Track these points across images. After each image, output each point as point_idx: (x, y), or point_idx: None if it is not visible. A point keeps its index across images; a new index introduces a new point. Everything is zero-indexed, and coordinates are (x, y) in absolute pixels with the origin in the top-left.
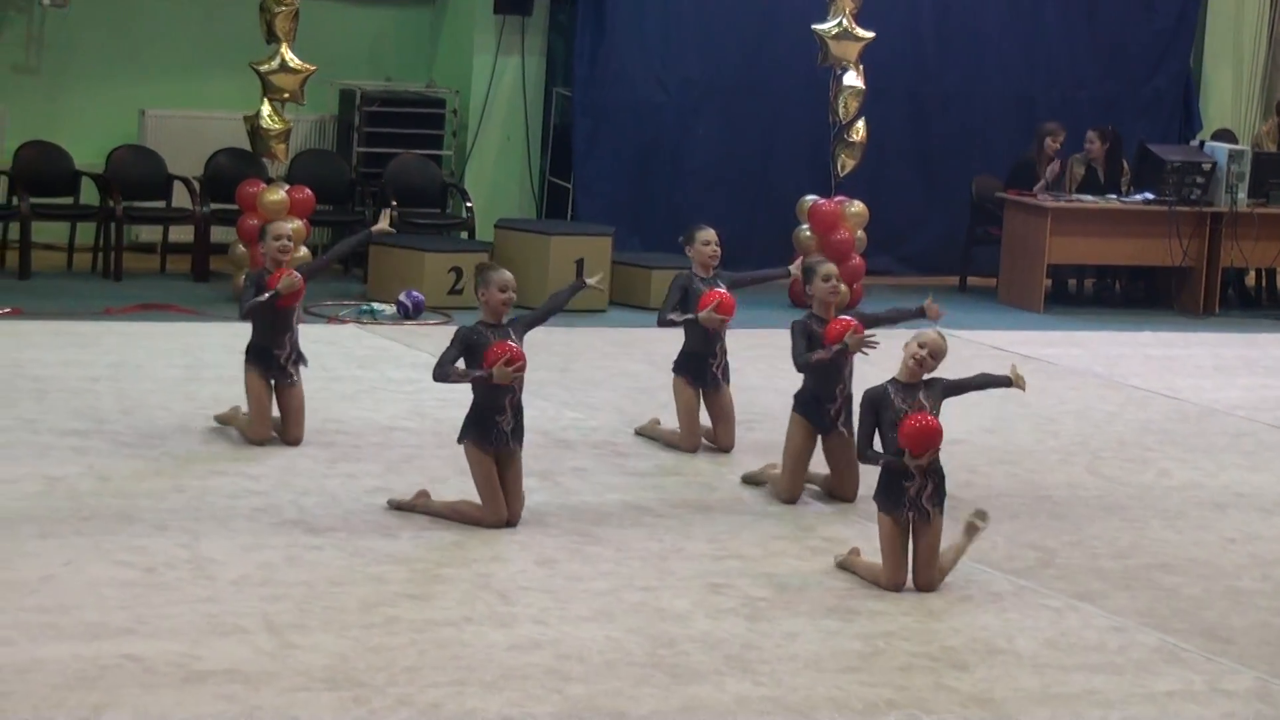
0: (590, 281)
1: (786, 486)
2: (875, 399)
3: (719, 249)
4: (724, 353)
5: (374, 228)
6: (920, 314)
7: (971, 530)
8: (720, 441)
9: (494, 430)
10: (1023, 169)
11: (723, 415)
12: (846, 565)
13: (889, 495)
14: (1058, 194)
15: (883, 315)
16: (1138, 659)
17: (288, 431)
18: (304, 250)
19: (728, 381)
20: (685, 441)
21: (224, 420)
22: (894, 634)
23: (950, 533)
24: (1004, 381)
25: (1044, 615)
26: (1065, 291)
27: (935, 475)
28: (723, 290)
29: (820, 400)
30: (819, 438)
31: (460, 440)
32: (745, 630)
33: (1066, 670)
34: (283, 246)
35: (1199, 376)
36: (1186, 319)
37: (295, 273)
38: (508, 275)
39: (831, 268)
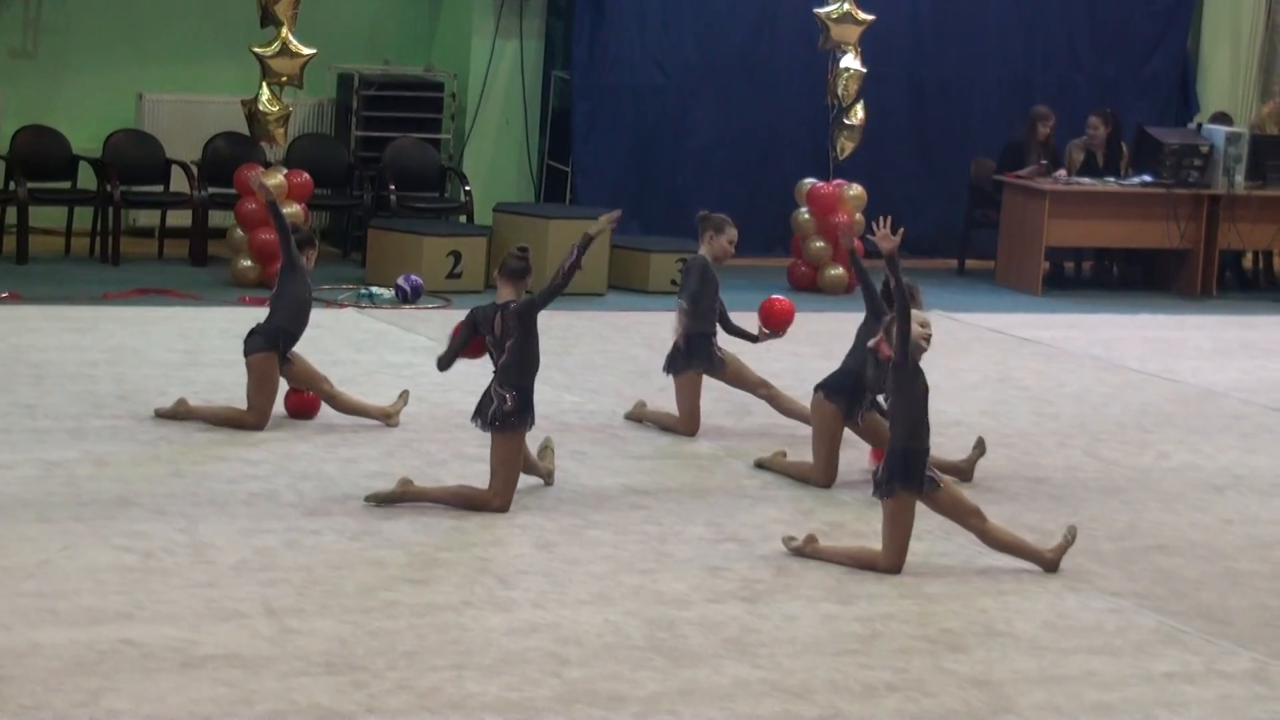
0: (600, 222)
1: (824, 470)
2: None
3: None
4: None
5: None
6: None
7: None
8: (771, 400)
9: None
10: (1012, 151)
11: (749, 378)
12: (809, 552)
13: (912, 474)
14: (1056, 176)
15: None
16: (1136, 640)
17: (319, 389)
18: (296, 208)
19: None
20: (686, 426)
21: (170, 414)
22: (892, 617)
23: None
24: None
25: (1042, 598)
26: (1063, 274)
27: None
28: (781, 298)
29: (862, 391)
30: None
31: (506, 428)
32: (744, 613)
33: (1065, 652)
34: None
35: (1197, 359)
36: (1184, 301)
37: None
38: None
39: (925, 327)
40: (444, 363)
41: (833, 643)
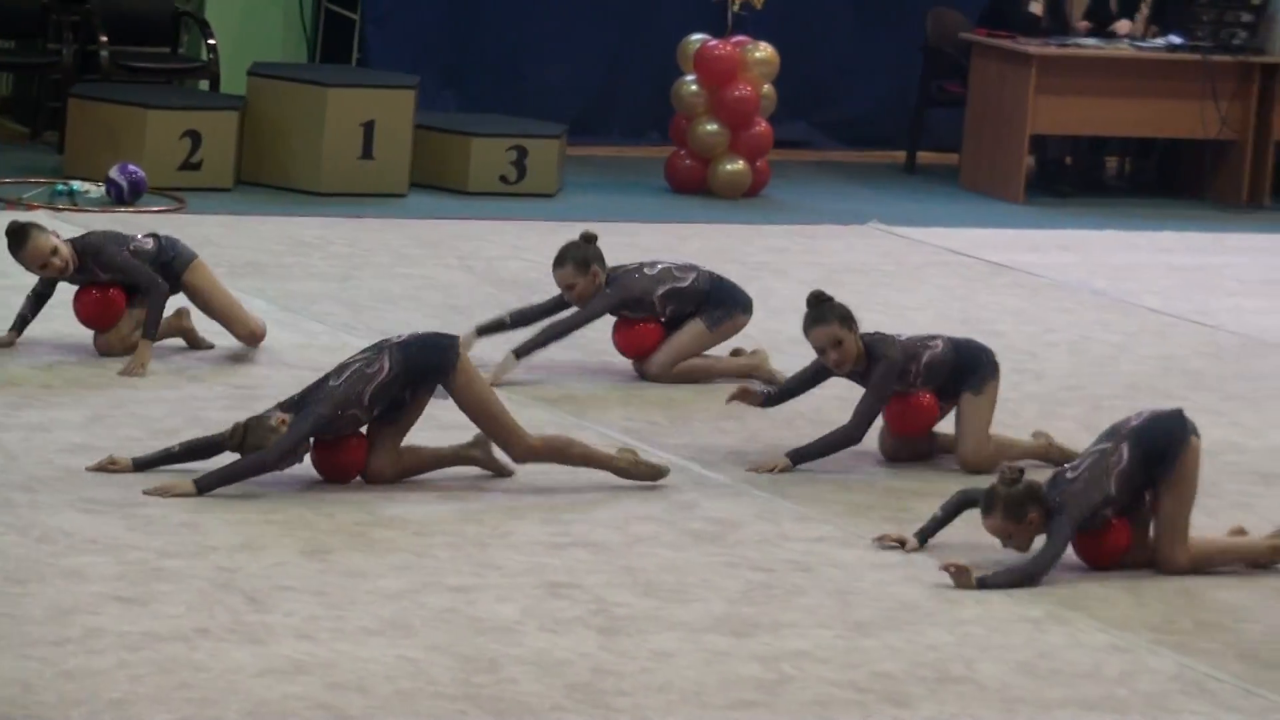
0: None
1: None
2: None
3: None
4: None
5: None
6: None
7: None
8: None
9: None
10: (1002, 7)
11: None
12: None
13: None
14: (1062, 39)
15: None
16: (1148, 691)
17: None
18: None
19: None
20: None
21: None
22: (806, 655)
23: None
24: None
25: (1018, 630)
26: (1054, 174)
27: None
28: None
29: None
30: None
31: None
32: (597, 649)
33: (1048, 707)
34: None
35: (1240, 294)
36: (1224, 213)
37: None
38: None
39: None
40: None
41: (722, 691)
